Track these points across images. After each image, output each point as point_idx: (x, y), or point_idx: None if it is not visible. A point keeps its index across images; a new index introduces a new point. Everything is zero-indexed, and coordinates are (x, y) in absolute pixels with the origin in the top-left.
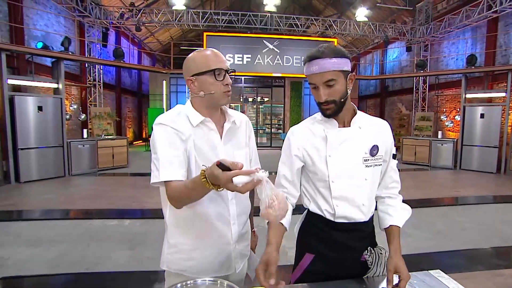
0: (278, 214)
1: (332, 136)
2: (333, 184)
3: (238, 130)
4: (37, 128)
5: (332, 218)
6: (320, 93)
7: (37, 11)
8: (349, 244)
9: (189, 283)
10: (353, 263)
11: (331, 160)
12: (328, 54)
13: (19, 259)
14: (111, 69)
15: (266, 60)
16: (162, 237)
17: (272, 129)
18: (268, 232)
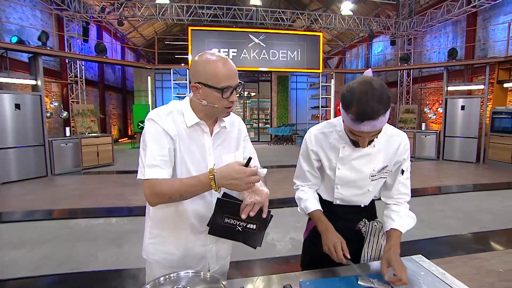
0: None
1: (345, 151)
2: (337, 189)
3: (228, 134)
4: (14, 127)
5: (332, 201)
6: (363, 142)
7: (10, 3)
8: (346, 217)
9: (172, 275)
10: (349, 231)
11: (340, 171)
12: (382, 112)
13: (1, 262)
14: (94, 65)
15: (252, 55)
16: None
17: (259, 124)
18: (318, 221)
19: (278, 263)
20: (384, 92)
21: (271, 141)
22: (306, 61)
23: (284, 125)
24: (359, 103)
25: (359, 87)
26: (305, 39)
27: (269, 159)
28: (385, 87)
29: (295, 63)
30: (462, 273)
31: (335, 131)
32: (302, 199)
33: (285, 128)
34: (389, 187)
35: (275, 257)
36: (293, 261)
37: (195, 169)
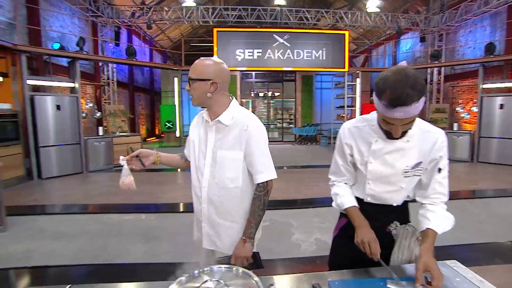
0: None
1: (378, 145)
2: (368, 184)
3: (226, 130)
4: (56, 126)
5: (362, 198)
6: (396, 131)
7: (53, 13)
8: (376, 216)
9: (205, 269)
10: (378, 232)
11: (372, 166)
12: (416, 99)
13: (44, 251)
14: (124, 67)
15: (276, 55)
16: (177, 231)
17: (283, 124)
18: (355, 216)
19: (304, 263)
20: (418, 79)
21: (295, 141)
22: (331, 60)
23: (309, 125)
24: (393, 88)
25: (393, 74)
26: (330, 38)
27: (292, 159)
28: (419, 74)
29: (320, 63)
30: (503, 283)
31: (368, 125)
32: (339, 194)
33: (309, 128)
34: (424, 186)
35: (300, 257)
36: (318, 262)
37: None
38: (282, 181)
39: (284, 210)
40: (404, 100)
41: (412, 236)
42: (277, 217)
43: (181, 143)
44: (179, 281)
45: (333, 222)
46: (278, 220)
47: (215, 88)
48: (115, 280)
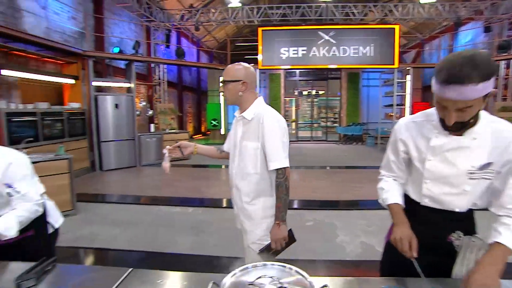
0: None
1: (438, 141)
2: (426, 184)
3: (249, 124)
4: (114, 123)
5: (419, 201)
6: (448, 117)
7: (114, 20)
8: (435, 222)
9: (258, 264)
10: (436, 240)
11: (430, 163)
12: (475, 80)
13: (106, 235)
14: (174, 67)
15: (321, 52)
16: (223, 226)
17: (327, 123)
18: (395, 214)
19: (348, 266)
20: (483, 60)
21: (339, 141)
22: (380, 56)
23: (354, 124)
24: (451, 64)
25: (457, 53)
26: (378, 33)
27: (337, 159)
28: (488, 56)
29: (368, 59)
30: None
31: (428, 120)
32: (384, 189)
33: (355, 128)
34: (498, 193)
35: (345, 260)
36: (363, 266)
37: None
38: (326, 181)
39: (328, 211)
40: (459, 77)
41: (480, 249)
42: (321, 217)
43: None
44: (233, 273)
45: (380, 226)
46: (322, 220)
47: (245, 87)
48: (165, 268)
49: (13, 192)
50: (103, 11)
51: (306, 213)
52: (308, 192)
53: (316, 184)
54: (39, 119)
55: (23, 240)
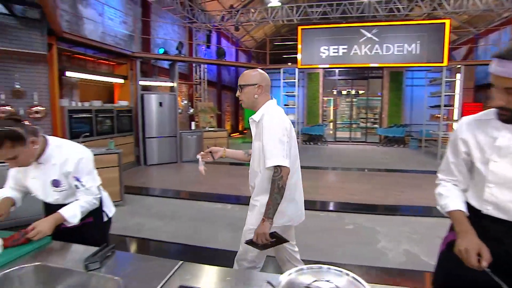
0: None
1: (504, 141)
2: (489, 188)
3: (257, 125)
4: (158, 120)
5: (480, 209)
6: (495, 96)
7: (159, 23)
8: (499, 236)
9: (314, 266)
10: (502, 257)
11: (495, 165)
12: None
13: (151, 227)
14: (213, 67)
15: (363, 50)
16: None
17: (367, 124)
18: (458, 222)
19: (390, 274)
20: None
21: (380, 143)
22: (427, 53)
23: (396, 126)
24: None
25: None
26: (426, 29)
27: (376, 162)
28: None
29: (413, 57)
30: None
31: (491, 119)
32: (443, 195)
33: (397, 129)
34: None
35: (386, 267)
36: (407, 276)
37: None
38: (366, 184)
39: (368, 215)
40: (508, 54)
41: None
42: (361, 221)
43: None
44: (289, 273)
45: (425, 234)
46: (362, 224)
47: (261, 91)
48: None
49: (80, 185)
50: (150, 14)
51: (345, 216)
52: (348, 194)
53: (356, 187)
54: (93, 116)
55: (83, 226)
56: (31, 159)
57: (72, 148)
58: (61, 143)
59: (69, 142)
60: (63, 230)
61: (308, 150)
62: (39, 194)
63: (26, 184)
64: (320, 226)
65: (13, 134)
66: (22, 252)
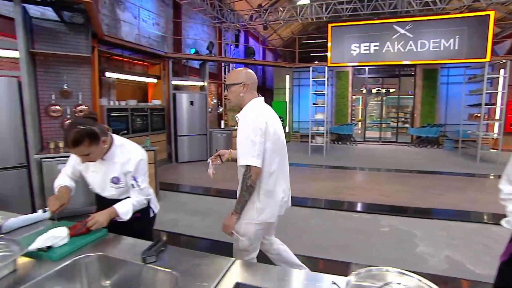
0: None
1: None
2: None
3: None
4: (189, 119)
5: None
6: None
7: (189, 23)
8: None
9: (382, 269)
10: None
11: None
12: None
13: (185, 222)
14: (241, 66)
15: (396, 47)
16: (289, 223)
17: (398, 123)
18: None
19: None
20: None
21: (411, 143)
22: (467, 49)
23: (430, 126)
24: None
25: None
26: (466, 23)
27: (409, 163)
28: None
29: (451, 53)
30: None
31: None
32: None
33: (430, 129)
34: None
35: (427, 273)
36: (454, 285)
37: None
38: (399, 185)
39: (404, 218)
40: None
41: None
42: (396, 223)
43: (290, 138)
44: (358, 273)
45: (467, 240)
46: (398, 227)
47: (246, 89)
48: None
49: (136, 185)
50: (181, 16)
51: (380, 218)
52: (381, 196)
53: (389, 188)
54: (129, 114)
55: (131, 221)
56: (100, 156)
57: (133, 148)
58: (123, 142)
59: (130, 142)
60: (113, 223)
61: (337, 149)
62: (96, 187)
63: (84, 176)
64: (354, 227)
65: (91, 133)
66: (85, 241)
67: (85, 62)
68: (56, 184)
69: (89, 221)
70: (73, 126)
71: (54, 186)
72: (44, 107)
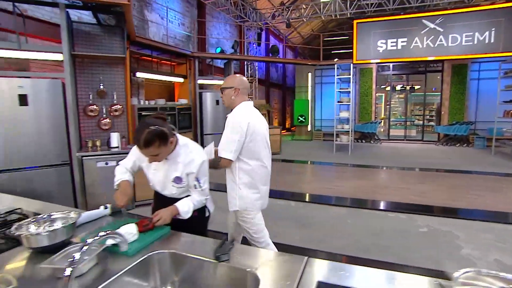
0: None
1: None
2: None
3: None
4: (213, 118)
5: None
6: None
7: (212, 23)
8: None
9: (483, 271)
10: None
11: None
12: None
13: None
14: (262, 65)
15: (425, 42)
16: (326, 221)
17: (424, 121)
18: None
19: None
20: None
21: (439, 141)
22: (504, 42)
23: (459, 123)
24: None
25: None
26: (504, 14)
27: (439, 162)
28: None
29: (486, 47)
30: None
31: None
32: None
33: (459, 127)
34: None
35: None
36: None
37: None
38: (431, 185)
39: (443, 218)
40: None
41: None
42: (435, 224)
43: (312, 137)
44: (463, 272)
45: None
46: (438, 228)
47: (237, 93)
48: None
49: (198, 185)
50: (205, 15)
51: (417, 218)
52: (413, 195)
53: (421, 188)
54: None
55: (189, 219)
56: (166, 156)
57: (196, 149)
58: (186, 142)
59: (192, 142)
60: (172, 221)
61: (361, 148)
62: (157, 185)
63: (146, 173)
64: (391, 227)
65: (162, 134)
66: (153, 238)
67: (119, 62)
68: (116, 178)
69: (154, 218)
70: (145, 127)
71: (115, 180)
72: (83, 107)
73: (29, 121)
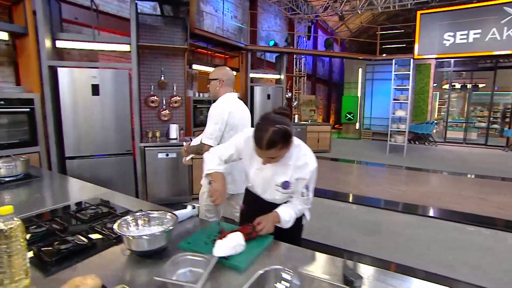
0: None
1: None
2: None
3: None
4: (263, 112)
5: None
6: None
7: (263, 15)
8: None
9: None
10: None
11: None
12: None
13: None
14: (309, 59)
15: (505, 34)
16: (392, 229)
17: (489, 123)
18: None
19: None
20: None
21: (507, 146)
22: None
23: None
24: None
25: None
26: None
27: (509, 169)
28: None
29: None
30: None
31: None
32: None
33: None
34: None
35: None
36: None
37: None
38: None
39: None
40: None
41: None
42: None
43: (360, 135)
44: None
45: None
46: None
47: (221, 84)
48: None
49: (306, 194)
50: (256, 7)
51: (503, 235)
52: (493, 208)
53: (500, 199)
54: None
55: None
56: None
57: (309, 152)
58: (299, 143)
59: (304, 144)
60: None
61: (415, 150)
62: (257, 186)
63: (246, 171)
64: (476, 243)
65: (287, 135)
66: (260, 249)
67: (179, 54)
68: (209, 167)
69: (258, 226)
70: (270, 125)
71: (207, 168)
72: (144, 98)
73: (99, 110)
